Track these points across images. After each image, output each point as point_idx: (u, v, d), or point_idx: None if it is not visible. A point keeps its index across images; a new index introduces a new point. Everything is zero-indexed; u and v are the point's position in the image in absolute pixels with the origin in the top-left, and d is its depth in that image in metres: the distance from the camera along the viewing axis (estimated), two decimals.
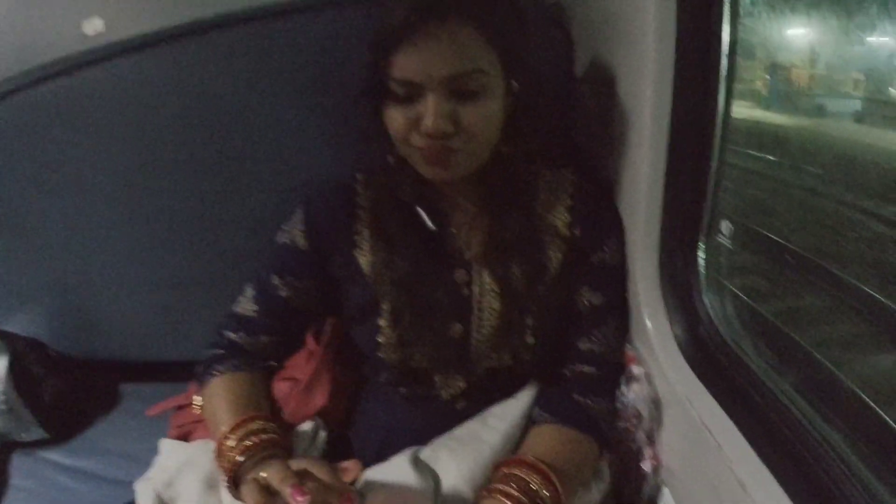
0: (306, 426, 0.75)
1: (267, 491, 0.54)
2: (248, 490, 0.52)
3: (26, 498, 0.97)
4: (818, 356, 0.94)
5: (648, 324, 0.73)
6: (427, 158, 0.64)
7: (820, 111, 1.47)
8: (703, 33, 0.66)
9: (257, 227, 1.00)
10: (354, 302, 0.74)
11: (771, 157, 1.55)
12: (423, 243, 0.70)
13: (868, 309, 1.22)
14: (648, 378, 0.72)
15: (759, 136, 1.50)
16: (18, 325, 1.15)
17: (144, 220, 1.05)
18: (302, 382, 0.77)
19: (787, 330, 1.11)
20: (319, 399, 0.77)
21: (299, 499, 0.47)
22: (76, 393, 1.18)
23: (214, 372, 0.74)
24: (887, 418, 0.84)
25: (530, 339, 0.71)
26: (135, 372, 1.26)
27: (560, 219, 0.73)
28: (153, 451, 0.95)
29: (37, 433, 1.08)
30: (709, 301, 0.74)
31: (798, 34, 1.38)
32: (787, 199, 1.59)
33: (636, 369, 0.72)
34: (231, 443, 0.64)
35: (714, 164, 0.71)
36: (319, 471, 0.53)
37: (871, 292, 1.20)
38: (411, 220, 0.71)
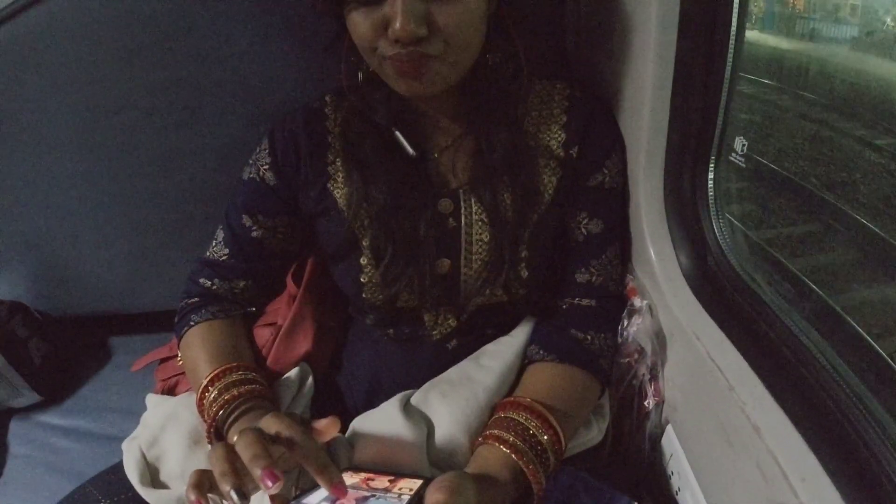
0: (291, 374, 0.71)
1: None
2: (215, 457, 0.44)
3: (24, 464, 0.96)
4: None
5: (652, 252, 0.67)
6: (399, 70, 0.55)
7: (815, 35, 1.43)
8: None
9: (223, 159, 0.94)
10: (332, 240, 0.68)
11: (765, 81, 1.52)
12: (403, 171, 0.63)
13: (861, 237, 1.23)
14: (651, 311, 0.67)
15: (754, 59, 1.45)
16: None
17: (107, 163, 0.98)
18: (283, 327, 0.73)
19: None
20: (303, 344, 0.72)
21: (269, 484, 0.41)
22: (65, 352, 1.17)
23: (191, 322, 0.69)
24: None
25: (524, 272, 0.65)
26: (122, 325, 1.24)
27: (554, 138, 0.65)
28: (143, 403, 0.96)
29: (30, 397, 1.06)
30: (718, 228, 0.68)
31: None
32: (781, 125, 1.57)
33: (638, 302, 0.67)
34: (211, 395, 0.60)
35: (727, 73, 0.63)
36: (292, 432, 0.47)
37: (864, 221, 1.21)
38: (388, 146, 0.64)
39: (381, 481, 0.51)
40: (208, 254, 0.73)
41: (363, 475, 0.53)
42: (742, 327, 0.60)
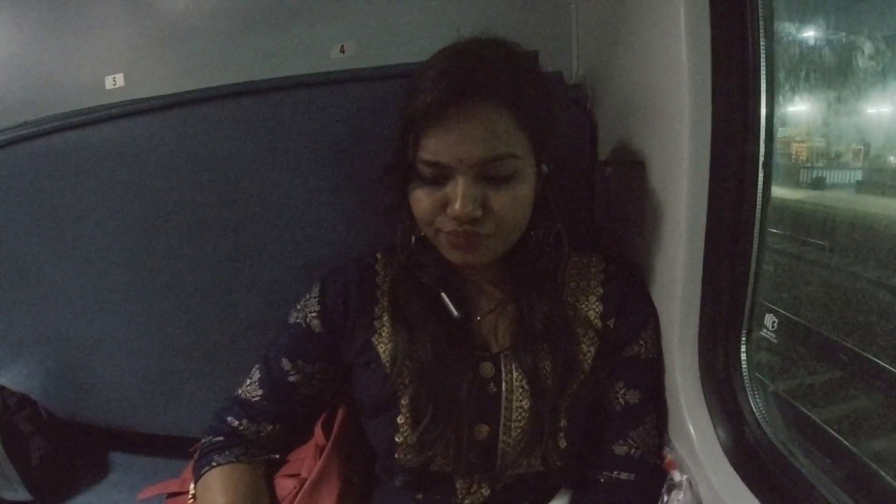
0: None
1: None
2: None
3: None
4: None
5: (690, 426, 0.67)
6: (454, 243, 0.60)
7: (820, 182, 1.43)
8: (740, 114, 0.64)
9: (266, 299, 0.97)
10: (370, 394, 0.68)
11: (774, 231, 1.53)
12: (447, 331, 0.65)
13: (883, 380, 1.13)
14: (691, 485, 0.65)
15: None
16: (11, 378, 1.12)
17: (148, 282, 1.02)
18: (308, 481, 0.70)
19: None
20: (326, 501, 0.69)
21: None
22: (65, 457, 1.15)
23: (213, 463, 0.68)
24: None
25: (562, 443, 0.64)
26: (127, 441, 1.21)
27: (592, 308, 0.68)
28: None
29: (22, 494, 1.04)
30: (754, 401, 0.68)
31: (798, 110, 1.41)
32: (792, 273, 1.57)
33: (678, 476, 0.66)
34: None
35: (755, 249, 0.67)
36: None
37: (884, 364, 1.11)
38: (434, 306, 0.66)
39: None
40: (240, 392, 0.73)
41: None
42: (783, 502, 0.59)
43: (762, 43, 0.64)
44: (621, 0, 0.80)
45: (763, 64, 0.64)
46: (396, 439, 0.65)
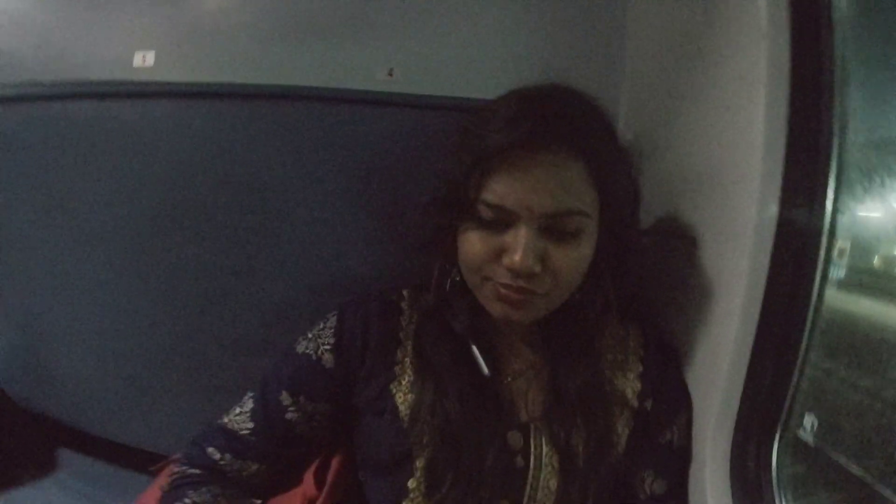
0: None
1: None
2: None
3: None
4: None
5: None
6: (503, 297, 0.55)
7: None
8: (807, 204, 0.61)
9: (267, 319, 0.90)
10: (380, 449, 0.61)
11: None
12: (476, 389, 0.60)
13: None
14: None
15: None
16: None
17: (139, 281, 0.94)
18: None
19: None
20: None
21: None
22: (13, 445, 1.08)
23: (186, 499, 0.59)
24: None
25: None
26: (81, 441, 1.12)
27: (630, 385, 0.64)
28: None
29: None
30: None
31: None
32: None
33: None
34: None
35: (803, 348, 0.64)
36: None
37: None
38: (463, 359, 0.61)
39: None
40: (227, 420, 0.66)
41: None
42: None
43: (835, 134, 0.62)
44: (682, 64, 0.79)
45: (835, 157, 0.62)
46: (401, 499, 0.58)
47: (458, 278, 0.62)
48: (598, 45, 0.99)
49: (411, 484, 0.58)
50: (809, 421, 0.67)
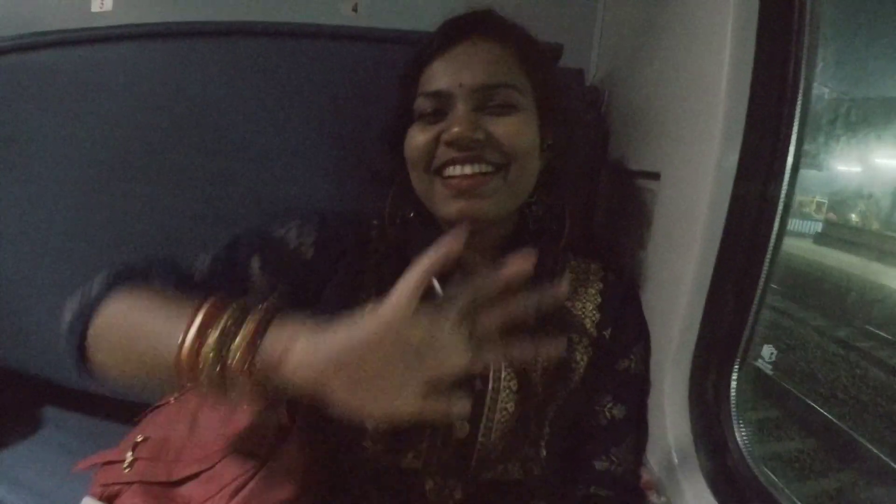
0: None
1: None
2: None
3: None
4: None
5: (673, 449, 0.65)
6: (454, 187, 0.57)
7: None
8: (770, 143, 0.62)
9: None
10: None
11: None
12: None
13: None
14: None
15: None
16: None
17: (105, 225, 0.93)
18: (267, 463, 0.64)
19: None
20: (285, 489, 0.64)
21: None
22: None
23: (121, 286, 0.53)
24: None
25: (543, 451, 0.61)
26: (63, 397, 1.12)
27: (589, 316, 0.65)
28: (67, 493, 0.82)
29: None
30: (739, 431, 0.67)
31: None
32: None
33: (657, 499, 0.64)
34: (213, 341, 0.43)
35: (762, 280, 0.66)
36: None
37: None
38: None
39: None
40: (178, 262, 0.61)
41: None
42: None
43: (800, 84, 0.62)
44: (652, 5, 0.78)
45: (799, 106, 0.62)
46: (367, 425, 0.60)
47: (411, 214, 0.63)
48: None
49: None
50: (768, 351, 0.69)
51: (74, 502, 0.83)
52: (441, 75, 0.58)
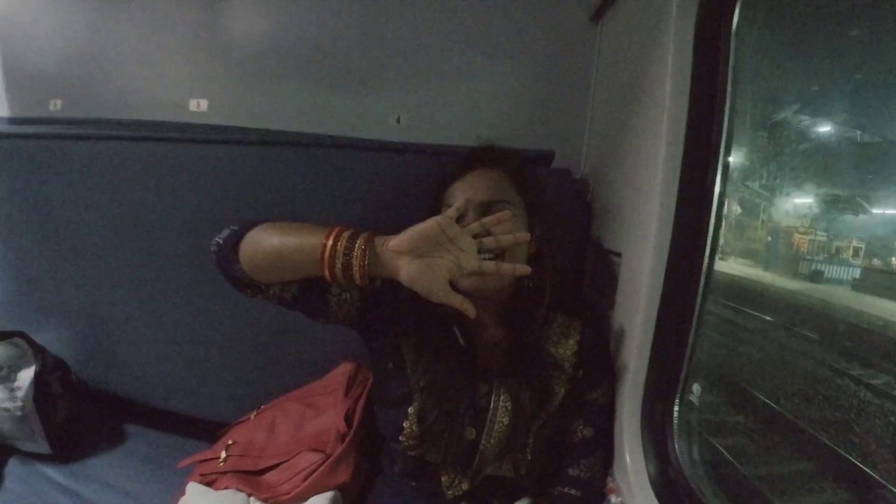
0: (327, 495, 0.87)
1: None
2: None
3: (15, 499, 1.03)
4: None
5: (628, 460, 0.87)
6: None
7: (817, 276, 1.55)
8: (695, 231, 0.86)
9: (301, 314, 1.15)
10: (391, 388, 0.87)
11: (767, 318, 1.64)
12: (458, 356, 0.86)
13: (849, 477, 1.20)
14: None
15: (757, 296, 1.60)
16: (52, 342, 1.23)
17: (189, 280, 1.18)
18: (331, 457, 0.90)
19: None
20: (342, 475, 0.89)
21: None
22: (86, 420, 1.24)
23: (257, 223, 0.77)
24: None
25: (528, 455, 0.85)
26: (145, 416, 1.32)
27: (567, 359, 0.89)
28: (152, 494, 1.05)
29: (42, 446, 1.13)
30: (679, 447, 0.89)
31: (804, 202, 1.50)
32: (779, 360, 1.59)
33: (614, 499, 0.86)
34: (344, 239, 0.71)
35: (691, 336, 0.89)
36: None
37: (856, 461, 1.19)
38: (448, 335, 0.87)
39: None
40: None
41: None
42: None
43: (718, 177, 0.86)
44: (628, 107, 1.02)
45: (717, 187, 0.86)
46: (404, 425, 0.84)
47: None
48: (567, 103, 1.28)
49: (410, 410, 0.84)
50: (697, 388, 0.92)
51: (155, 502, 1.03)
52: (459, 193, 0.86)
